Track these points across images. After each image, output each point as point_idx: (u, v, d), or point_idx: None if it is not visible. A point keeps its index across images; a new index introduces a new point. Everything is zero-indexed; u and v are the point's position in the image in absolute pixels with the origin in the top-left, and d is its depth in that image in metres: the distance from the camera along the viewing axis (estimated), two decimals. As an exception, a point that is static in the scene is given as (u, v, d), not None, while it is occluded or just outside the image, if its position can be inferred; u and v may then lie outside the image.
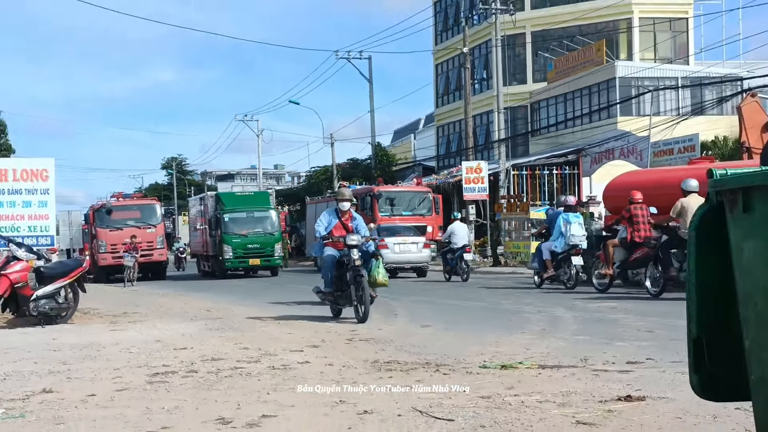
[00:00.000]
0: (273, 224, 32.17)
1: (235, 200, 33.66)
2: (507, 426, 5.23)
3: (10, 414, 6.18)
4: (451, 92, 54.37)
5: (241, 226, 31.19)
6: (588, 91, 43.26)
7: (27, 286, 12.83)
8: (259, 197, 35.55)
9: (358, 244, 12.41)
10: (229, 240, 30.65)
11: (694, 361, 3.51)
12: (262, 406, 6.14)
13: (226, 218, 31.12)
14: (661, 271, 14.93)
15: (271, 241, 31.36)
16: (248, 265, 31.23)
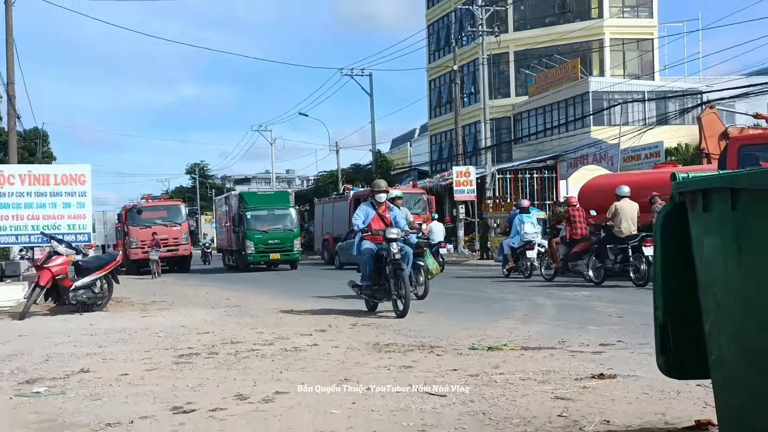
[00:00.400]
0: (292, 221, 30.85)
1: (257, 199, 32.14)
2: (493, 401, 5.23)
3: (52, 391, 6.19)
4: (443, 105, 54.39)
5: (262, 223, 29.99)
6: (564, 104, 43.26)
7: (67, 278, 12.85)
8: (279, 196, 33.70)
9: (398, 238, 11.12)
10: (252, 236, 29.53)
11: (660, 344, 3.52)
12: (275, 383, 6.15)
13: (248, 216, 29.92)
14: (601, 262, 15.70)
15: (291, 236, 30.21)
16: (269, 259, 29.88)
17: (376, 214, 11.55)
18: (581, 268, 16.86)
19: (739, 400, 3.03)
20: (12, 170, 15.82)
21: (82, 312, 12.76)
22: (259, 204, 31.01)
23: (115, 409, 5.42)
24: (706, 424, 4.27)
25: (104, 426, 4.93)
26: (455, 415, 4.89)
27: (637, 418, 4.63)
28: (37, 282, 12.94)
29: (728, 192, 2.94)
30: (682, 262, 3.33)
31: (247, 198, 31.74)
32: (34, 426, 5.03)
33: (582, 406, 4.98)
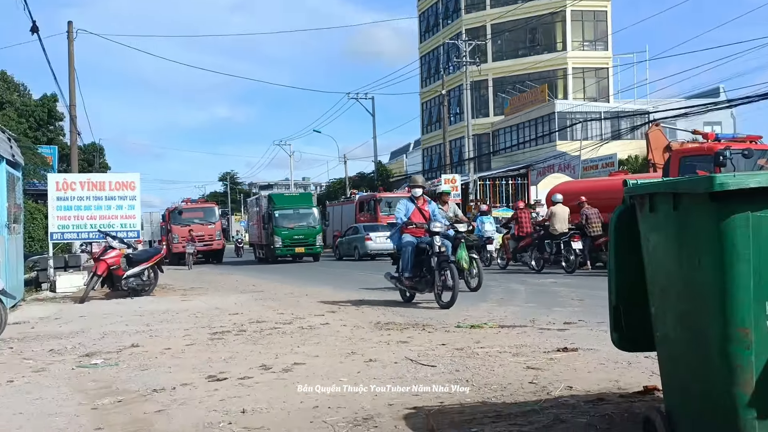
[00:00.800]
0: (314, 219, 29.71)
1: (284, 200, 30.71)
2: (475, 370, 5.23)
3: (107, 363, 6.20)
4: (433, 123, 54.32)
5: (288, 220, 28.89)
6: (534, 122, 43.20)
7: (120, 268, 12.86)
8: (303, 197, 32.07)
9: (441, 231, 9.94)
10: (279, 232, 28.53)
11: (614, 323, 3.51)
12: (294, 356, 6.15)
13: (276, 214, 28.90)
14: (540, 254, 16.86)
15: (313, 232, 29.16)
16: (294, 252, 28.82)
17: (416, 208, 10.35)
18: (526, 259, 17.86)
19: (679, 369, 3.02)
20: (74, 178, 15.82)
21: (132, 297, 12.77)
22: (285, 204, 29.88)
23: (160, 377, 5.43)
24: (653, 390, 4.28)
25: (151, 392, 4.93)
26: (443, 381, 4.89)
27: (595, 385, 4.63)
28: (95, 271, 12.96)
29: (671, 196, 2.93)
30: (631, 254, 3.33)
31: (275, 199, 30.52)
32: (93, 392, 5.03)
33: (549, 375, 4.98)
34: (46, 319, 9.96)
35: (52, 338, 7.88)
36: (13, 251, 11.91)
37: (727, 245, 2.63)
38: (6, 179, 11.41)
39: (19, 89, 44.36)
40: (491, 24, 47.31)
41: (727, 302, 2.63)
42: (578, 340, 6.44)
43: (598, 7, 45.62)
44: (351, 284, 14.80)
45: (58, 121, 41.77)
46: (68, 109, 25.19)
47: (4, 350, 7.13)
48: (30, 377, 5.66)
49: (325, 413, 4.17)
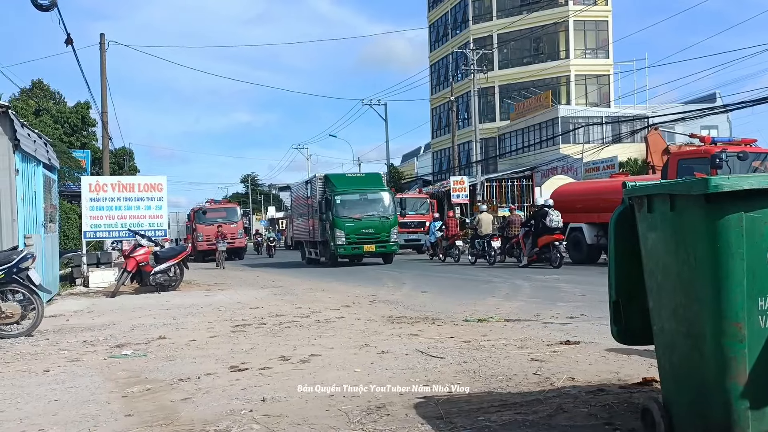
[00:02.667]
0: (387, 207, 21.74)
1: (347, 181, 22.50)
2: (482, 361, 5.22)
3: (136, 353, 6.24)
4: (443, 128, 54.18)
5: (353, 209, 21.17)
6: (539, 127, 42.97)
7: (148, 265, 12.94)
8: (371, 178, 23.87)
9: None
10: (342, 224, 20.70)
11: (614, 317, 3.50)
12: (311, 348, 6.16)
13: (337, 201, 21.00)
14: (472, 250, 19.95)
15: (387, 225, 21.27)
16: (362, 251, 21.02)
17: None
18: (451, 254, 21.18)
19: (676, 361, 3.01)
20: (105, 180, 15.92)
21: (159, 291, 12.84)
22: (349, 187, 21.94)
23: (186, 367, 5.46)
24: (651, 381, 4.25)
25: (177, 381, 4.96)
26: (452, 372, 4.89)
27: (596, 376, 4.61)
28: (125, 268, 13.05)
29: (668, 197, 2.92)
30: (630, 252, 3.31)
31: (334, 180, 22.23)
32: (123, 381, 5.07)
33: (552, 366, 4.96)
34: (80, 312, 10.04)
35: (85, 330, 7.95)
36: (49, 249, 12.02)
37: (722, 244, 2.61)
38: (43, 181, 11.52)
39: (55, 97, 44.77)
40: (498, 34, 47.13)
41: (721, 298, 2.62)
42: (580, 333, 6.41)
43: (599, 17, 45.31)
44: (365, 280, 14.82)
45: (91, 127, 42.07)
46: (100, 116, 25.39)
47: (41, 341, 7.20)
48: (65, 367, 5.71)
49: (340, 402, 4.18)
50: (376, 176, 24.94)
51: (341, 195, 21.32)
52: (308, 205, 24.10)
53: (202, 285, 14.68)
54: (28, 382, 5.17)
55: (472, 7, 49.04)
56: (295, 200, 28.36)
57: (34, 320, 7.59)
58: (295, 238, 28.23)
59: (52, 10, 13.87)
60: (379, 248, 21.07)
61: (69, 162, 27.24)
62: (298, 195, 27.03)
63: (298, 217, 26.70)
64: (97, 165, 36.71)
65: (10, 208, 9.28)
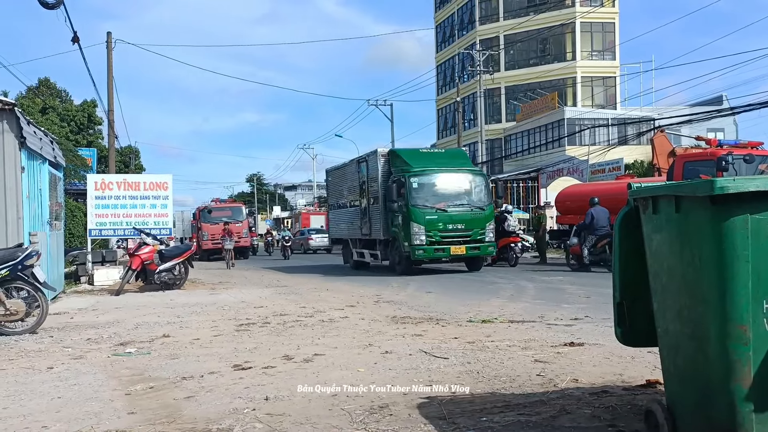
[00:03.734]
0: (481, 194, 16.08)
1: (424, 159, 16.63)
2: (486, 362, 5.21)
3: (140, 351, 6.25)
4: (449, 128, 54.16)
5: (436, 196, 15.72)
6: (544, 128, 42.91)
7: (153, 263, 12.97)
8: (454, 155, 17.92)
9: None
10: (420, 217, 15.28)
11: (618, 318, 3.49)
12: (314, 347, 6.16)
13: (413, 183, 15.51)
14: None
15: (481, 219, 15.80)
16: (448, 254, 15.65)
17: None
18: None
19: (680, 363, 2.99)
20: (111, 178, 15.99)
21: (164, 290, 12.86)
22: (429, 165, 16.22)
23: (189, 366, 5.47)
24: (655, 383, 4.24)
25: (180, 379, 4.96)
26: (455, 373, 4.88)
27: (599, 378, 4.60)
28: (130, 266, 13.09)
29: (673, 198, 2.91)
30: (635, 253, 3.30)
31: (407, 157, 16.52)
32: (127, 379, 5.08)
33: (556, 368, 4.95)
34: (84, 310, 10.07)
35: (89, 328, 7.97)
36: (55, 246, 12.06)
37: (727, 246, 2.60)
38: (48, 179, 11.56)
39: (61, 95, 44.96)
40: (504, 35, 47.10)
41: (726, 300, 2.61)
42: (584, 335, 6.39)
43: (606, 18, 45.22)
44: (370, 281, 14.81)
45: (97, 125, 42.23)
46: (106, 114, 25.45)
47: (45, 339, 7.22)
48: (69, 364, 5.73)
49: (344, 401, 4.18)
50: (460, 153, 18.71)
51: (419, 176, 15.64)
52: (361, 192, 18.10)
53: (206, 284, 14.71)
54: (31, 379, 5.18)
55: (478, 8, 49.00)
56: (335, 186, 21.51)
57: (38, 317, 7.62)
58: (334, 236, 22.05)
59: (58, 8, 13.92)
60: (471, 251, 15.61)
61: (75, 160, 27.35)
62: (341, 179, 20.54)
63: (341, 209, 20.46)
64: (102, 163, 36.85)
65: (16, 205, 9.32)
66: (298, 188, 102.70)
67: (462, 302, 9.70)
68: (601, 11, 43.92)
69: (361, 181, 18.09)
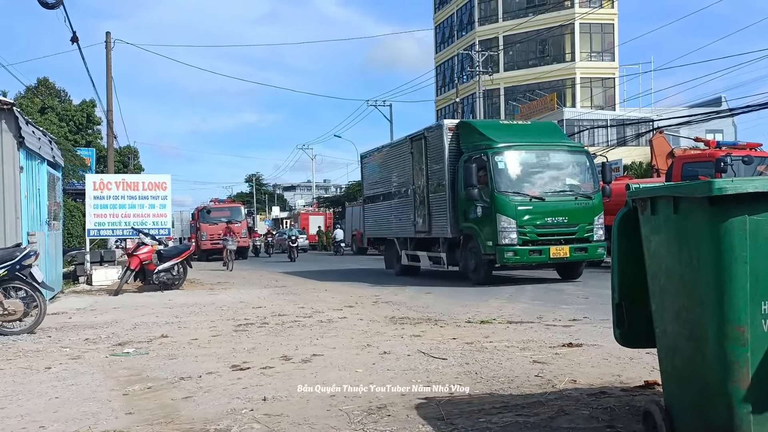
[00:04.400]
0: (587, 178, 12.62)
1: (510, 132, 13.16)
2: (484, 363, 5.21)
3: (138, 351, 6.24)
4: (447, 129, 54.13)
5: (530, 179, 12.28)
6: (544, 129, 42.94)
7: (151, 263, 12.96)
8: (546, 130, 14.22)
9: None
10: (510, 207, 11.80)
11: (617, 319, 3.49)
12: (312, 348, 6.16)
13: (498, 163, 12.05)
14: None
15: (588, 210, 12.35)
16: (547, 258, 11.93)
17: None
18: None
19: (678, 364, 2.99)
20: (110, 178, 15.98)
21: (162, 290, 12.85)
22: (517, 139, 12.74)
23: (188, 366, 5.46)
24: (653, 384, 4.23)
25: (178, 379, 4.96)
26: (454, 374, 4.88)
27: (598, 379, 4.60)
28: (129, 266, 13.08)
29: (671, 199, 2.91)
30: (633, 254, 3.30)
31: (486, 130, 13.01)
32: (124, 379, 5.07)
33: (554, 369, 4.95)
34: (83, 310, 10.06)
35: (87, 328, 7.96)
36: (53, 246, 12.04)
37: (725, 247, 2.60)
38: (47, 179, 11.54)
39: (60, 95, 44.89)
40: (503, 36, 47.13)
41: (724, 301, 2.61)
42: (583, 336, 6.39)
43: (605, 20, 45.26)
44: (368, 281, 14.80)
45: (96, 125, 42.17)
46: (105, 114, 25.44)
47: (43, 339, 7.21)
48: (67, 364, 5.72)
49: (342, 402, 4.18)
50: (551, 126, 14.94)
51: (507, 153, 12.12)
52: (415, 178, 14.44)
53: (205, 284, 14.70)
54: (29, 379, 5.17)
55: (478, 8, 49.02)
56: (374, 174, 17.54)
57: (36, 317, 7.61)
58: (373, 235, 17.93)
59: (57, 8, 13.91)
60: (576, 252, 12.09)
61: (73, 160, 27.27)
62: (384, 164, 16.75)
63: (383, 201, 16.62)
64: (101, 163, 36.80)
65: (14, 205, 9.30)
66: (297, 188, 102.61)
67: (461, 303, 9.70)
68: (601, 12, 43.96)
69: (417, 165, 14.29)
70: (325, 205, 57.83)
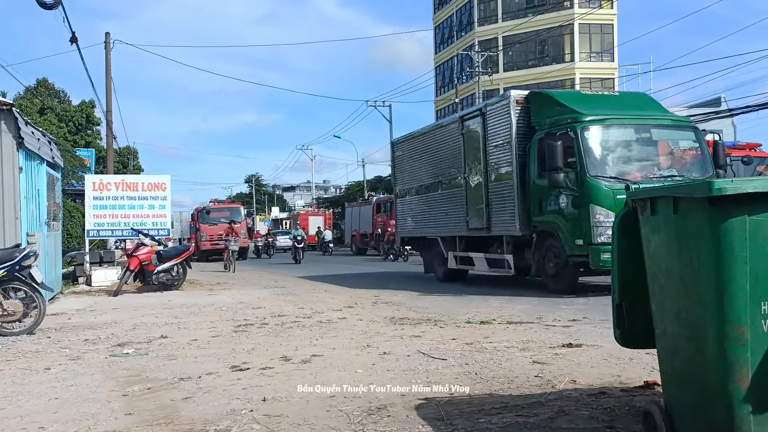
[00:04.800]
0: (699, 159, 10.46)
1: (599, 104, 10.79)
2: (484, 363, 5.21)
3: (138, 352, 6.24)
4: (447, 130, 54.18)
5: (629, 161, 10.12)
6: (543, 129, 42.97)
7: (151, 264, 12.96)
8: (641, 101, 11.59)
9: None
10: (607, 196, 9.33)
11: (617, 320, 3.48)
12: (312, 348, 6.16)
13: (590, 140, 9.78)
14: None
15: None
16: None
17: None
18: None
19: (678, 365, 2.99)
20: (109, 179, 15.97)
21: (162, 291, 12.85)
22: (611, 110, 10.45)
23: (187, 366, 5.46)
24: (653, 384, 4.23)
25: (178, 380, 4.96)
26: (453, 374, 4.88)
27: (597, 379, 4.60)
28: (128, 267, 13.08)
29: (671, 200, 2.91)
30: (633, 255, 3.30)
31: (568, 101, 10.70)
32: (124, 380, 5.07)
33: (554, 369, 4.95)
34: (82, 310, 10.06)
35: (87, 329, 7.95)
36: (52, 247, 12.04)
37: (725, 247, 2.60)
38: (46, 180, 11.55)
39: (60, 96, 44.91)
40: (503, 36, 47.16)
41: (724, 302, 2.61)
42: (582, 336, 6.39)
43: (604, 20, 45.31)
44: (368, 282, 14.80)
45: (96, 126, 42.20)
46: (105, 115, 25.41)
47: (43, 339, 7.21)
48: (66, 365, 5.72)
49: (341, 402, 4.18)
50: (645, 98, 12.43)
51: (599, 128, 10.03)
52: (469, 163, 12.27)
53: (204, 285, 14.70)
54: (29, 380, 5.17)
55: (477, 9, 49.05)
56: (412, 162, 15.22)
57: (35, 318, 7.60)
58: (408, 234, 15.58)
59: (56, 8, 13.92)
60: None
61: (73, 160, 27.28)
62: (425, 150, 14.41)
63: (425, 194, 14.32)
64: (101, 164, 36.82)
65: (14, 205, 9.30)
66: (296, 189, 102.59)
67: (461, 303, 9.69)
68: (600, 13, 43.98)
69: (471, 148, 12.12)
70: (324, 205, 57.81)
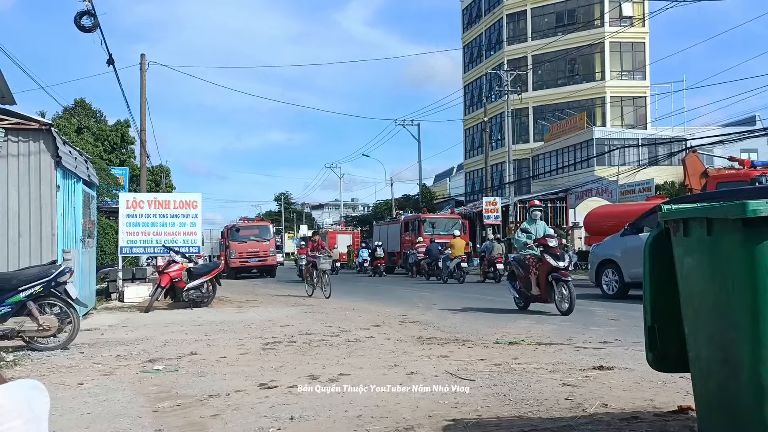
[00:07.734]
0: None
1: None
2: (512, 385, 5.15)
3: (168, 368, 6.30)
4: (476, 148, 54.09)
5: None
6: (573, 148, 42.62)
7: (181, 281, 13.11)
8: None
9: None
10: None
11: (649, 343, 3.43)
12: (340, 367, 6.15)
13: None
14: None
15: None
16: None
17: None
18: None
19: (712, 389, 2.93)
20: (142, 197, 16.23)
21: (192, 308, 12.97)
22: None
23: (216, 383, 5.49)
24: (687, 409, 4.14)
25: (207, 397, 4.99)
26: (482, 396, 4.83)
27: (630, 403, 4.51)
28: (159, 283, 13.24)
29: (704, 221, 2.87)
30: (665, 277, 3.25)
31: None
32: (154, 395, 5.12)
33: (584, 392, 4.87)
34: (115, 326, 10.20)
35: (119, 344, 8.06)
36: (87, 263, 12.26)
37: (760, 269, 2.55)
38: (82, 197, 11.79)
39: (96, 116, 46.02)
40: (532, 55, 47.09)
41: (759, 325, 2.55)
42: (614, 358, 6.28)
43: (636, 38, 44.97)
44: (395, 300, 14.76)
45: (130, 145, 43.06)
46: (139, 134, 25.97)
47: (76, 355, 7.32)
48: (98, 380, 5.80)
49: (368, 422, 4.16)
50: None
51: None
52: None
53: (234, 302, 14.79)
54: (62, 395, 5.25)
55: (506, 28, 49.10)
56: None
57: (70, 333, 7.73)
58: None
59: (94, 32, 14.29)
60: None
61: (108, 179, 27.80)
62: None
63: None
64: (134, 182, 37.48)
65: (51, 222, 9.52)
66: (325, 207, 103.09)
67: (489, 323, 9.61)
68: (631, 31, 43.68)
69: None
70: (352, 223, 58.01)
